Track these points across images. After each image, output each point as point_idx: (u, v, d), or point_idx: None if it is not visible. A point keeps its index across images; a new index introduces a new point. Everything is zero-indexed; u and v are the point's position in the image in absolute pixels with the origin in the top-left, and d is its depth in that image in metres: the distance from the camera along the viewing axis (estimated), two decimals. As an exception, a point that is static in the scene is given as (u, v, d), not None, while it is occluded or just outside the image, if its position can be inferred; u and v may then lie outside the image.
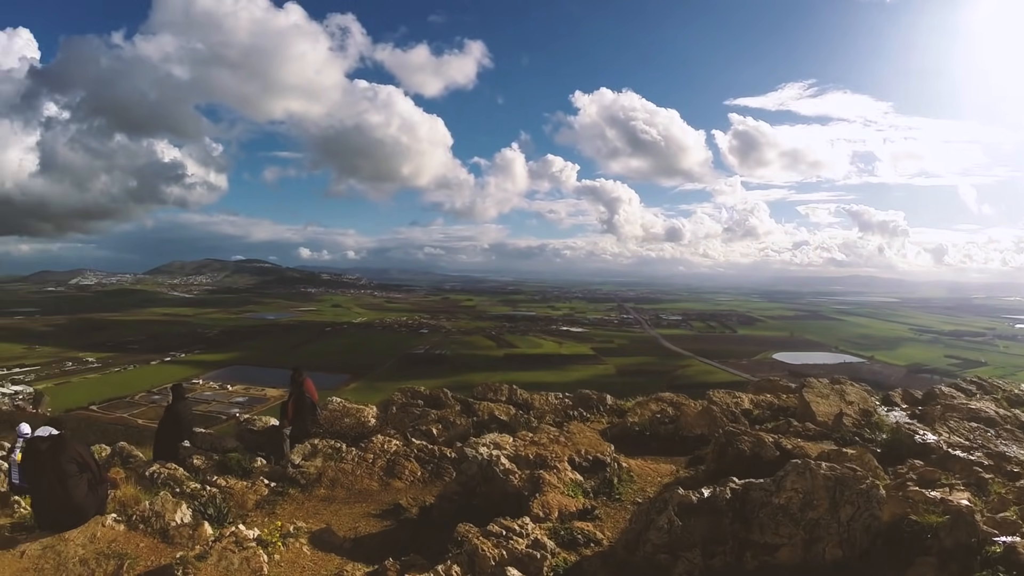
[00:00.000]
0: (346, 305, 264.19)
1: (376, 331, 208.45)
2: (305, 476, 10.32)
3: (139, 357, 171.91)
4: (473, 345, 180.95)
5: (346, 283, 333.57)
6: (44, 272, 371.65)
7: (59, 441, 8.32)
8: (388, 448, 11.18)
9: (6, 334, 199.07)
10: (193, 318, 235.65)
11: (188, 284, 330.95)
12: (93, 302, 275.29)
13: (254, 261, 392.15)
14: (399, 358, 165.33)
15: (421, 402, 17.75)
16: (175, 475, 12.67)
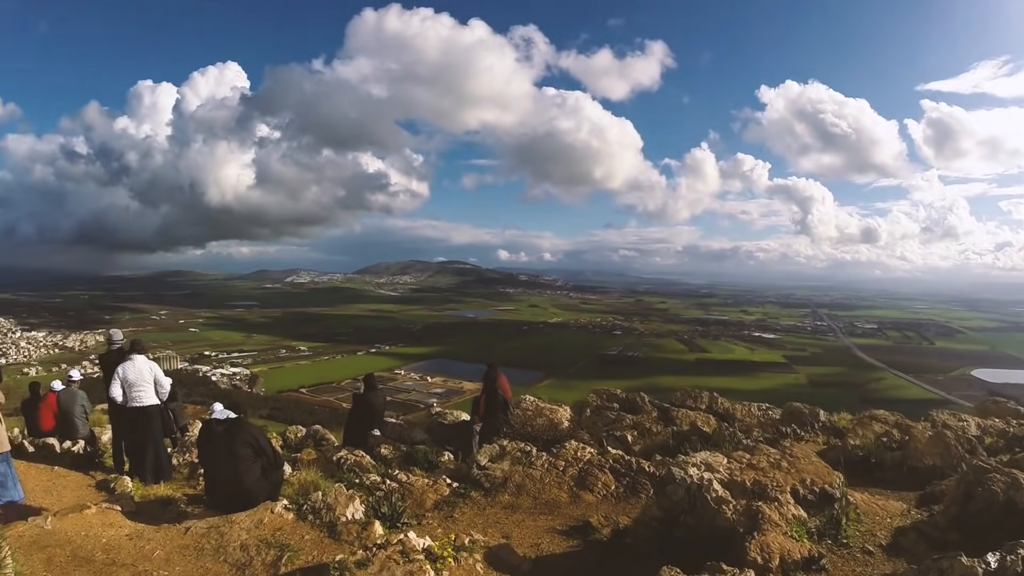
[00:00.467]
0: (542, 305, 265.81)
1: (570, 331, 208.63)
2: (490, 479, 9.68)
3: (346, 347, 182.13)
4: (664, 348, 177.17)
5: (543, 284, 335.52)
6: (262, 271, 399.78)
7: (235, 425, 8.20)
8: (581, 456, 10.34)
9: (228, 324, 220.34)
10: (397, 314, 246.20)
11: (393, 283, 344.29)
12: (306, 298, 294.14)
13: (455, 262, 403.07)
14: (592, 358, 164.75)
15: (616, 405, 16.87)
16: (361, 462, 12.55)
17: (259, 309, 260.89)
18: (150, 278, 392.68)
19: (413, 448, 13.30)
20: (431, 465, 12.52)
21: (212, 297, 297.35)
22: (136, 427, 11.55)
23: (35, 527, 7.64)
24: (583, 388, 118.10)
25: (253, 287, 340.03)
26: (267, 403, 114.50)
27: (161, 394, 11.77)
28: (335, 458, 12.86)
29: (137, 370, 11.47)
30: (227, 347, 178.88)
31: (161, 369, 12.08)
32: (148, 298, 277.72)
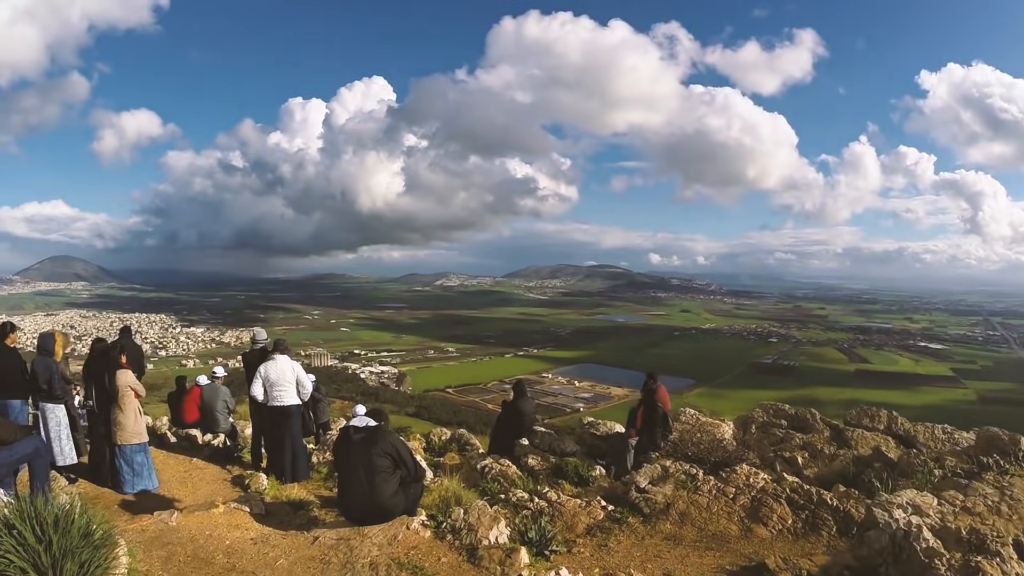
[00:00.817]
0: (695, 310, 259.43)
1: (724, 337, 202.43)
2: (650, 504, 8.69)
3: (495, 350, 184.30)
4: (822, 357, 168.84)
5: (696, 288, 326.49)
6: (412, 275, 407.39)
7: (374, 433, 7.55)
8: (754, 482, 9.18)
9: (378, 324, 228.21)
10: (547, 318, 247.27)
11: (543, 287, 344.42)
12: (455, 300, 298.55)
13: (606, 266, 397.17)
14: (745, 366, 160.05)
15: (784, 422, 15.57)
16: (506, 472, 11.88)
17: (409, 311, 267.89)
18: (303, 280, 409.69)
19: (563, 460, 12.50)
20: (581, 480, 11.70)
21: (363, 299, 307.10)
22: (276, 426, 11.33)
23: (159, 522, 7.46)
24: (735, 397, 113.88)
25: (403, 290, 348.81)
26: (413, 401, 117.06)
27: (302, 394, 11.51)
28: (479, 466, 12.24)
29: (279, 370, 11.28)
30: (376, 346, 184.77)
31: (304, 369, 11.81)
32: (301, 299, 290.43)
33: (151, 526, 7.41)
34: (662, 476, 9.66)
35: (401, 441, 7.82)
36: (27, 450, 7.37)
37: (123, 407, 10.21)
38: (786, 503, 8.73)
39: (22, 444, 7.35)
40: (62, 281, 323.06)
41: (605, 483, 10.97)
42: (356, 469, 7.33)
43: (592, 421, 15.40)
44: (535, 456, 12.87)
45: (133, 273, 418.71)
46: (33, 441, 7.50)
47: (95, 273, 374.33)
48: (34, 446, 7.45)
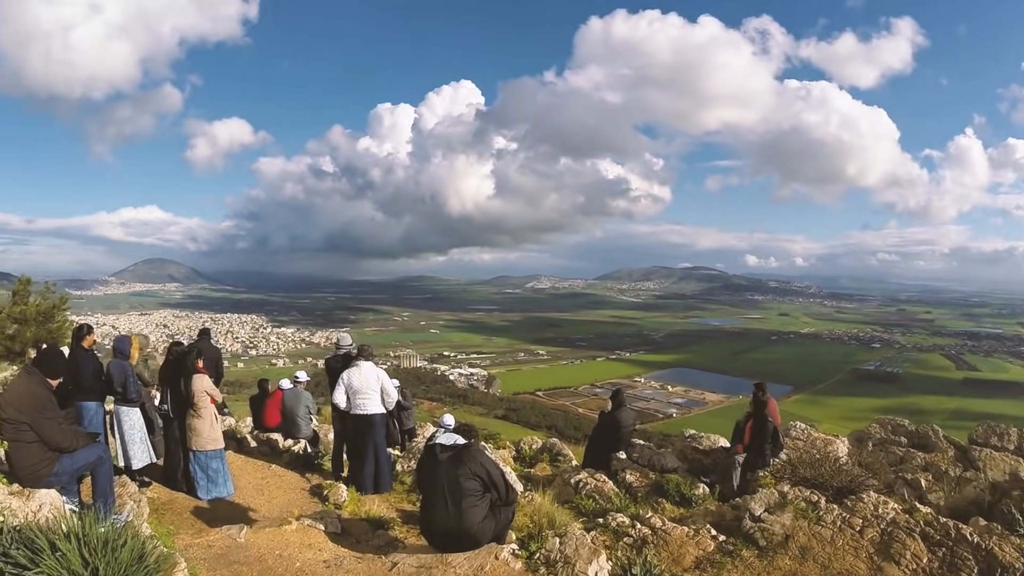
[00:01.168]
0: (793, 314, 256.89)
1: (823, 342, 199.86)
2: (767, 536, 7.78)
3: (586, 353, 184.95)
4: (927, 364, 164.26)
5: (794, 291, 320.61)
6: (503, 277, 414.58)
7: (463, 452, 6.88)
8: (883, 512, 8.19)
9: (468, 326, 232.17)
10: (640, 321, 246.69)
11: (636, 289, 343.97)
12: (546, 303, 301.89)
13: (700, 268, 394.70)
14: (846, 372, 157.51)
15: (904, 439, 14.44)
16: (602, 489, 11.22)
17: (499, 313, 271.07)
18: (394, 283, 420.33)
19: (663, 477, 11.71)
20: (684, 499, 10.94)
21: (453, 301, 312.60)
22: (358, 434, 10.85)
23: (227, 538, 7.11)
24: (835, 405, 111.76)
25: (494, 292, 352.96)
26: (502, 404, 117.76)
27: (387, 403, 10.98)
28: (574, 481, 11.61)
29: (363, 377, 10.78)
30: (466, 348, 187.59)
31: (389, 376, 11.28)
32: (391, 301, 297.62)
33: (218, 541, 7.05)
34: (779, 503, 8.73)
35: (492, 461, 7.10)
36: (89, 458, 7.03)
37: (199, 412, 9.94)
38: (920, 538, 7.72)
39: (84, 452, 7.01)
40: (156, 282, 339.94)
41: (712, 506, 10.11)
42: (441, 491, 6.64)
43: (694, 434, 14.43)
44: (633, 472, 12.12)
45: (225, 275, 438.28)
46: (96, 449, 7.15)
47: (188, 275, 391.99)
48: (96, 454, 7.10)
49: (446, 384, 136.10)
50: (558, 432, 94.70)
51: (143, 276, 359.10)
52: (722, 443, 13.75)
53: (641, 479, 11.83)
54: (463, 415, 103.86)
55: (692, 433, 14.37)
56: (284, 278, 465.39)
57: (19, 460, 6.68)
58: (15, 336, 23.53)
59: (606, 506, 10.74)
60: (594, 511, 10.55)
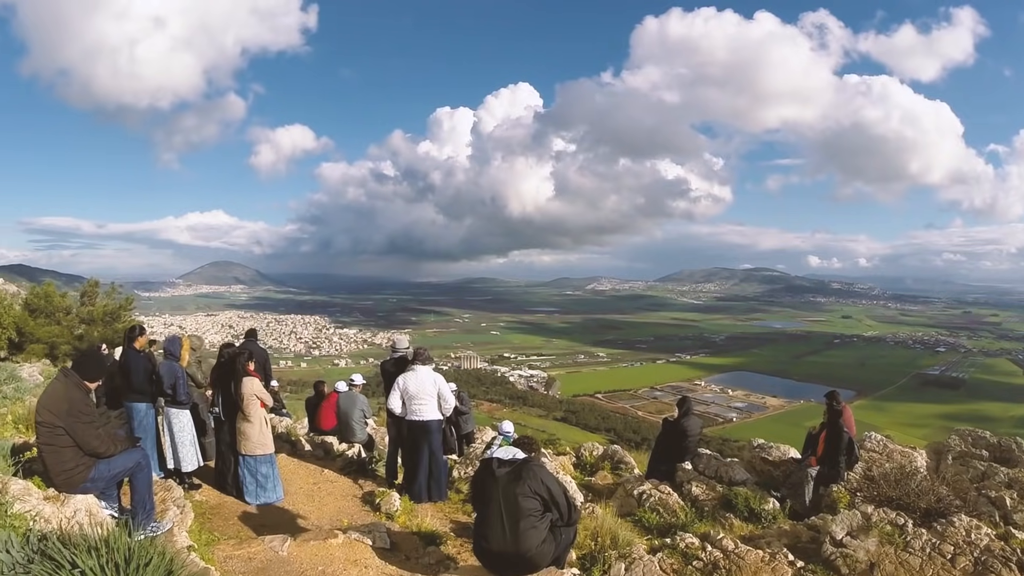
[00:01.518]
0: (856, 316, 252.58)
1: (887, 346, 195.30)
2: (850, 563, 6.99)
3: (646, 356, 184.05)
4: (993, 369, 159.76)
5: (857, 293, 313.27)
6: (563, 279, 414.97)
7: (522, 468, 6.20)
8: (976, 539, 7.37)
9: (529, 328, 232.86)
10: (700, 323, 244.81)
11: (697, 291, 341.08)
12: (606, 305, 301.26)
13: (762, 269, 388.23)
14: (910, 377, 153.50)
15: (985, 453, 13.42)
16: (667, 502, 10.60)
17: (559, 315, 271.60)
18: (454, 285, 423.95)
19: (731, 490, 11.02)
20: (752, 515, 10.27)
21: (513, 303, 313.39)
22: (414, 441, 10.40)
23: (269, 550, 6.76)
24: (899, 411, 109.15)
25: (554, 294, 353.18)
26: (561, 406, 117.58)
27: (444, 409, 10.50)
28: (637, 492, 11.01)
29: (419, 382, 10.29)
30: (526, 350, 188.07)
31: (446, 381, 10.77)
32: (452, 303, 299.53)
33: (259, 554, 6.69)
34: (863, 526, 7.97)
35: (554, 477, 6.40)
36: (128, 464, 6.66)
37: (248, 416, 9.58)
38: (1017, 568, 6.94)
39: (123, 457, 6.64)
40: (222, 284, 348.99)
41: (786, 525, 9.40)
42: (497, 510, 6.00)
43: (763, 444, 13.63)
44: (699, 483, 11.44)
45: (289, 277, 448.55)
46: (135, 455, 6.78)
47: (253, 277, 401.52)
48: (135, 460, 6.73)
49: (506, 386, 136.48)
50: (617, 435, 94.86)
51: (209, 278, 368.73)
52: (792, 454, 12.97)
53: (708, 492, 11.16)
54: (522, 417, 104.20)
55: (761, 443, 13.58)
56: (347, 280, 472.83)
57: (54, 465, 6.33)
58: (83, 336, 23.89)
59: (671, 520, 10.17)
60: (658, 526, 10.00)
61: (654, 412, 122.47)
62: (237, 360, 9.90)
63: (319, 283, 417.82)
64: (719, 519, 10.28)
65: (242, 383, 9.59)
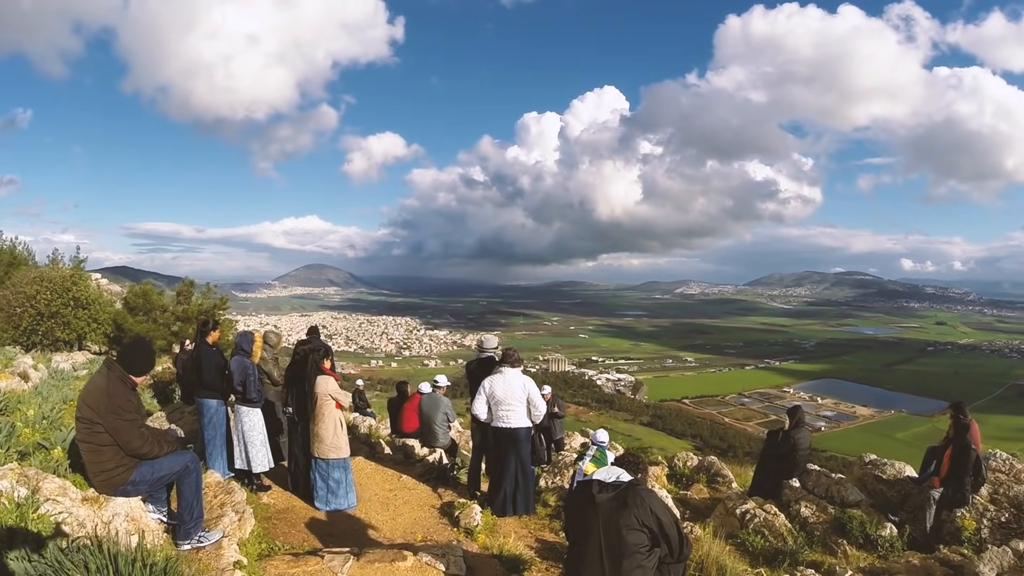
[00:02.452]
0: (951, 323, 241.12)
1: (983, 354, 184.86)
2: None
3: (734, 361, 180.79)
4: None
5: (951, 298, 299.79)
6: (652, 282, 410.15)
7: (627, 494, 4.91)
8: None
9: (617, 331, 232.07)
10: (790, 328, 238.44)
11: (787, 296, 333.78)
12: (695, 309, 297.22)
13: (854, 273, 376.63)
14: (1007, 388, 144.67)
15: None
16: (773, 524, 9.45)
17: (648, 319, 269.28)
18: (544, 288, 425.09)
19: (844, 512, 9.75)
20: (868, 541, 9.04)
21: (602, 306, 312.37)
22: (499, 449, 9.47)
23: (327, 571, 5.98)
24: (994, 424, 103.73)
25: (642, 297, 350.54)
26: (648, 411, 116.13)
27: (534, 416, 9.53)
28: (740, 511, 9.87)
29: (507, 386, 9.33)
30: (614, 354, 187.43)
31: (537, 386, 9.79)
32: (541, 305, 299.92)
33: (316, 575, 5.88)
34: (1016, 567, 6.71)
35: (664, 505, 5.08)
36: (174, 467, 5.88)
37: (321, 418, 8.86)
38: None
39: (169, 460, 5.87)
40: (316, 286, 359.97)
41: (914, 558, 8.15)
42: (597, 544, 4.75)
43: (875, 460, 12.17)
44: (808, 503, 10.18)
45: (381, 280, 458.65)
46: (182, 458, 6.00)
47: (346, 279, 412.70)
48: (183, 463, 5.94)
49: (593, 389, 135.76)
50: (703, 441, 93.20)
51: (304, 280, 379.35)
52: (909, 472, 11.53)
53: (818, 514, 9.91)
54: (608, 421, 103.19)
55: (873, 459, 12.13)
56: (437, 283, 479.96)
57: (92, 464, 5.67)
58: (178, 332, 24.24)
59: (778, 545, 9.03)
60: (764, 551, 8.90)
61: (741, 419, 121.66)
62: (310, 357, 9.17)
63: (410, 285, 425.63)
64: (830, 545, 9.13)
65: (316, 382, 8.86)
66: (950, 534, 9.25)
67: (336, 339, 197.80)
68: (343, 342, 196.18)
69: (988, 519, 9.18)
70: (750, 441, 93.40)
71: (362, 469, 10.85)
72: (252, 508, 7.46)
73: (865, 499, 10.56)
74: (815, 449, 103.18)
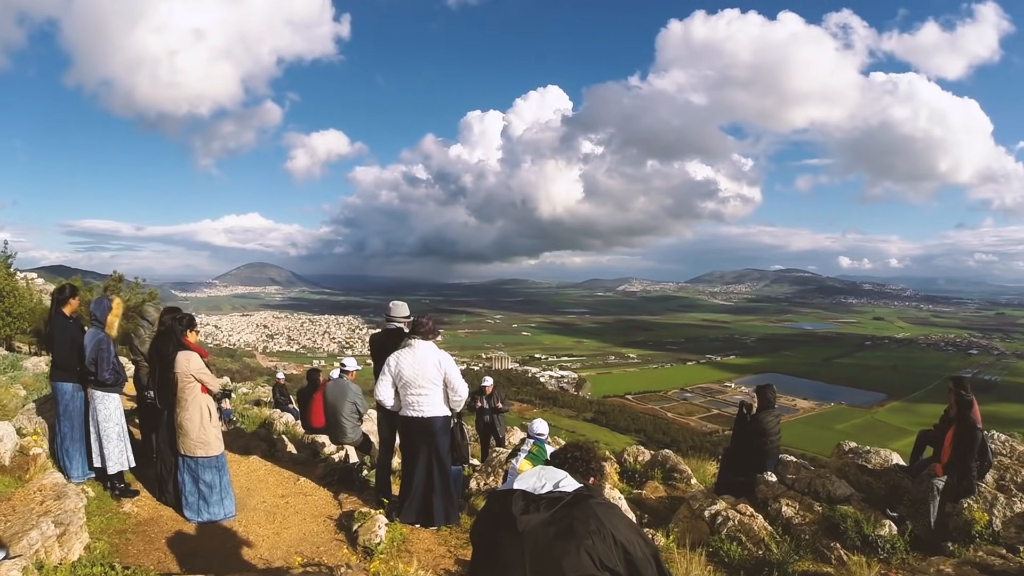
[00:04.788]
0: (888, 318, 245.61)
1: (919, 348, 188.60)
2: None
3: (676, 357, 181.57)
4: None
5: (888, 294, 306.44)
6: (594, 280, 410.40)
7: (574, 514, 2.67)
8: None
9: (560, 328, 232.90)
10: (731, 324, 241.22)
11: (727, 292, 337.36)
12: (637, 306, 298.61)
13: (793, 270, 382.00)
14: (942, 380, 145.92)
15: None
16: (750, 528, 7.86)
17: (590, 316, 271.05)
18: (486, 286, 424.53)
19: (833, 510, 8.11)
20: (867, 544, 7.52)
21: (545, 304, 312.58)
22: (410, 445, 7.53)
23: None
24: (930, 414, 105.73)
25: (585, 295, 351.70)
26: (592, 407, 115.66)
27: (453, 401, 7.51)
28: (708, 514, 8.19)
29: (418, 363, 7.30)
30: (557, 351, 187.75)
31: (456, 364, 7.64)
32: (484, 303, 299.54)
33: None
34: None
35: (632, 526, 2.75)
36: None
37: (185, 405, 6.95)
38: None
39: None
40: (257, 285, 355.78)
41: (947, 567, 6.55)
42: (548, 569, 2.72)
43: (857, 448, 10.52)
44: (790, 501, 8.52)
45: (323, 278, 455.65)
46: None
47: (288, 278, 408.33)
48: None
49: (536, 386, 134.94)
50: (647, 436, 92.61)
51: (245, 279, 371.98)
52: (895, 460, 9.93)
53: (803, 513, 8.28)
54: (552, 418, 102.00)
55: (853, 447, 10.45)
56: (380, 281, 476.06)
57: None
58: None
59: (759, 553, 7.46)
60: (744, 561, 7.29)
61: (684, 414, 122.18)
62: (174, 329, 7.17)
63: (353, 284, 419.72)
64: (821, 550, 7.61)
65: (177, 359, 6.90)
66: (958, 529, 7.90)
67: (278, 339, 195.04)
68: (285, 342, 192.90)
69: (1000, 509, 7.83)
70: (693, 435, 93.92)
71: (255, 471, 8.97)
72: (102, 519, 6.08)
73: (856, 494, 8.93)
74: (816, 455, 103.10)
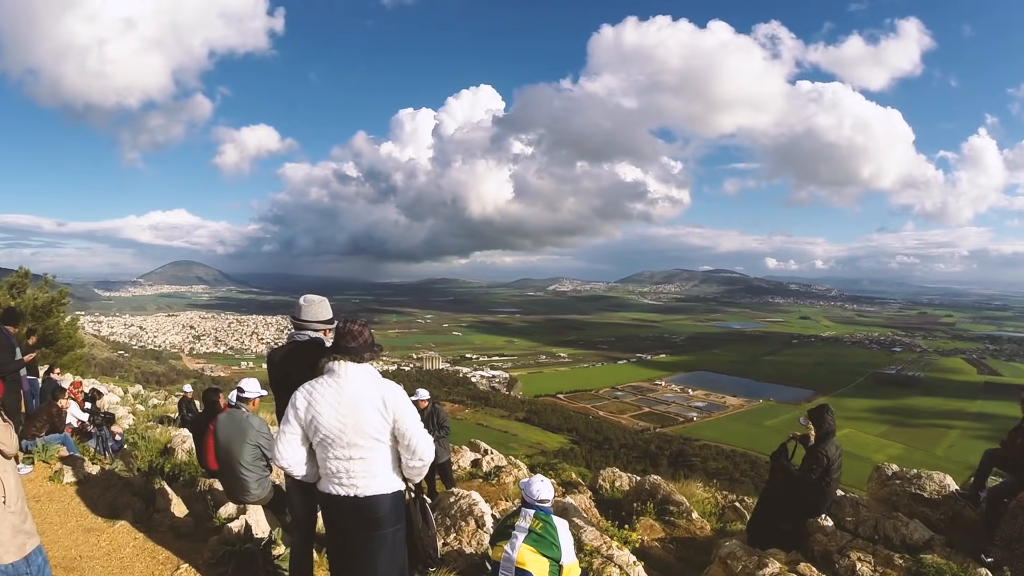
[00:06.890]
0: (814, 317, 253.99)
1: (845, 346, 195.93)
2: None
3: (607, 355, 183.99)
4: (949, 368, 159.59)
5: (814, 294, 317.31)
6: (525, 280, 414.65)
7: None
8: None
9: (490, 327, 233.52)
10: (661, 324, 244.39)
11: (657, 292, 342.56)
12: (568, 305, 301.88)
13: (721, 271, 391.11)
14: (867, 376, 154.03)
15: None
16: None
17: (521, 315, 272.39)
18: (417, 285, 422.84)
19: (919, 562, 5.83)
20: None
21: (475, 303, 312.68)
22: (341, 539, 4.32)
23: None
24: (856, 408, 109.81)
25: (515, 294, 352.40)
26: (524, 406, 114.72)
27: (410, 468, 4.27)
28: None
29: (345, 403, 4.12)
30: (488, 351, 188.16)
31: (410, 402, 4.33)
32: (414, 303, 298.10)
33: None
34: None
35: None
36: None
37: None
38: None
39: None
40: (184, 284, 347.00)
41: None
42: None
43: (902, 472, 8.30)
44: (861, 554, 6.20)
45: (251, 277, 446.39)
46: None
47: (215, 277, 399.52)
48: None
49: (468, 386, 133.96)
50: (579, 435, 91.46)
51: (171, 278, 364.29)
52: (950, 485, 7.74)
53: (881, 569, 5.98)
54: (484, 418, 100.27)
55: (897, 471, 8.23)
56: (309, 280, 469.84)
57: None
58: None
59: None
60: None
61: (615, 412, 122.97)
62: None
63: (282, 283, 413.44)
64: None
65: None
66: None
67: (205, 340, 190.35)
68: (212, 343, 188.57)
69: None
70: (626, 434, 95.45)
71: (118, 551, 5.90)
72: None
73: (936, 536, 6.66)
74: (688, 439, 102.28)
